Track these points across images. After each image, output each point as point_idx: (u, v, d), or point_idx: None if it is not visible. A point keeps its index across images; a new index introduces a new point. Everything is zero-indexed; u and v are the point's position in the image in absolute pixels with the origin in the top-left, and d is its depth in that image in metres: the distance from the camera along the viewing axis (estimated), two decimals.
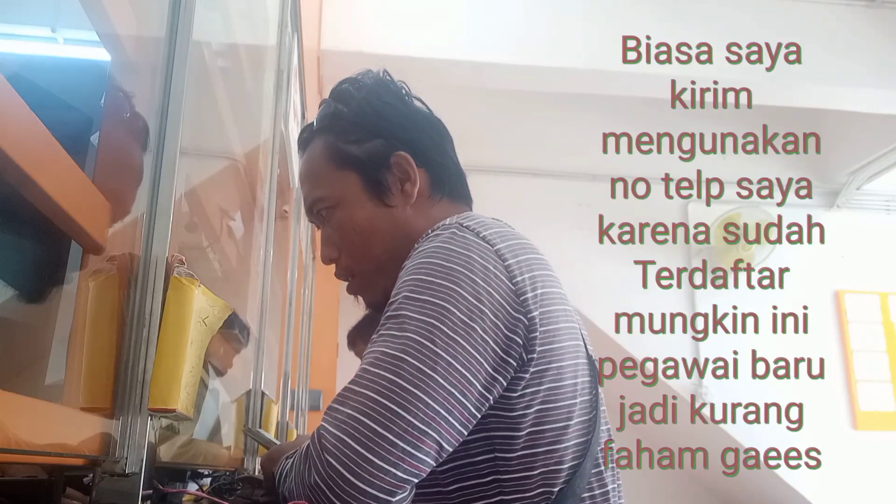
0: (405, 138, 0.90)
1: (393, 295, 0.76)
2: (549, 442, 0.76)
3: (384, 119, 0.90)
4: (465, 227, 0.78)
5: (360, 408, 0.68)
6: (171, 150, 0.76)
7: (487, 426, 0.75)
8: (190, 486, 1.20)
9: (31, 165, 0.55)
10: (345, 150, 0.90)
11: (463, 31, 3.91)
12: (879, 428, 4.94)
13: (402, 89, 0.94)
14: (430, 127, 0.94)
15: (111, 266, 0.69)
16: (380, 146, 0.89)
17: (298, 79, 2.33)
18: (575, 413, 0.78)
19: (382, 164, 0.89)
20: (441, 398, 0.68)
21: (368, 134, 0.90)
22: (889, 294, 5.22)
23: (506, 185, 4.71)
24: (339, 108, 0.92)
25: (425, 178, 0.90)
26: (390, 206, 0.89)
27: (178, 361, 0.69)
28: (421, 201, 0.90)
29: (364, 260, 0.90)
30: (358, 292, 0.94)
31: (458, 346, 0.70)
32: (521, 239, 0.81)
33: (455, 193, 0.94)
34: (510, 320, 0.73)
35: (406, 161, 0.89)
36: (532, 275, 0.76)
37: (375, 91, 0.92)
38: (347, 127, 0.90)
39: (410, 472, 0.67)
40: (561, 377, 0.77)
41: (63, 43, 0.93)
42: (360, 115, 0.90)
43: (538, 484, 0.75)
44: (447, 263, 0.74)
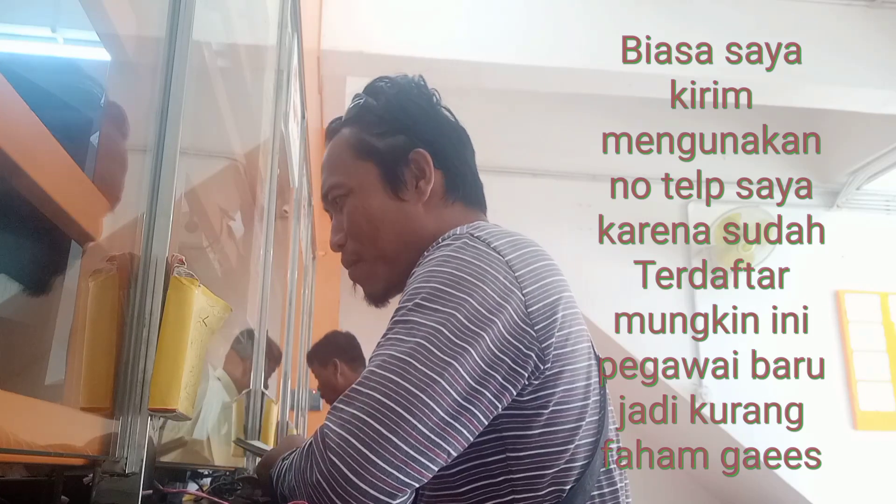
0: (427, 138, 0.92)
1: (401, 301, 0.76)
2: (562, 442, 0.76)
3: (410, 117, 0.92)
4: (476, 237, 0.79)
5: (366, 409, 0.68)
6: (171, 150, 0.76)
7: (499, 426, 0.75)
8: (190, 486, 1.20)
9: (31, 165, 0.55)
10: (367, 141, 0.92)
11: (463, 31, 3.91)
12: (879, 428, 4.94)
13: (434, 95, 0.96)
14: (454, 133, 0.96)
15: (111, 266, 0.69)
16: (401, 141, 0.91)
17: (298, 79, 2.33)
18: (587, 413, 0.79)
19: (401, 158, 0.90)
20: (447, 405, 0.68)
21: (392, 129, 0.92)
22: (889, 294, 5.22)
23: (506, 185, 4.71)
24: (368, 102, 0.94)
25: (441, 180, 0.92)
26: (403, 201, 0.90)
27: (178, 361, 0.69)
28: (434, 201, 0.91)
29: (369, 246, 0.91)
30: (359, 280, 0.94)
31: (466, 354, 0.70)
32: (532, 247, 0.81)
33: (469, 199, 0.95)
34: (519, 330, 0.73)
35: (424, 159, 0.90)
36: (543, 283, 0.77)
37: (406, 90, 0.94)
38: (374, 120, 0.92)
39: (412, 477, 0.67)
40: (574, 380, 0.77)
41: (63, 43, 0.92)
42: (388, 110, 0.93)
43: (549, 483, 0.76)
44: (458, 273, 0.74)
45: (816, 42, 4.01)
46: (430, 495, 0.80)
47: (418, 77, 0.96)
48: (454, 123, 0.96)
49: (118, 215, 0.76)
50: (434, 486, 0.79)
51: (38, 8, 0.91)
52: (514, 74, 4.02)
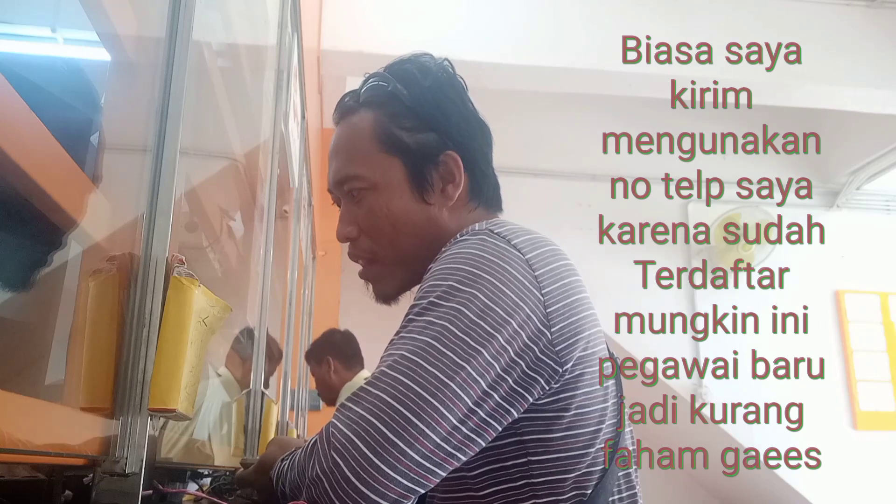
0: (458, 139, 0.86)
1: (417, 297, 0.74)
2: (583, 445, 0.75)
3: (443, 114, 0.86)
4: (495, 233, 0.76)
5: (374, 410, 0.65)
6: (171, 150, 0.75)
7: (520, 430, 0.73)
8: (190, 486, 1.20)
9: (31, 165, 0.55)
10: (395, 135, 0.85)
11: (463, 31, 3.90)
12: (879, 428, 4.94)
13: (463, 84, 0.90)
14: (482, 133, 0.91)
15: (111, 266, 0.69)
16: (432, 140, 0.85)
17: (298, 79, 2.33)
18: (606, 416, 0.77)
19: (431, 159, 0.85)
20: (459, 410, 0.66)
21: (424, 125, 0.86)
22: (889, 294, 5.22)
23: (506, 185, 4.67)
24: (399, 89, 0.86)
25: (466, 184, 0.87)
26: (428, 204, 0.85)
27: (178, 361, 0.69)
28: (458, 206, 0.87)
29: (390, 248, 0.86)
30: (372, 280, 0.90)
31: (479, 356, 0.67)
32: (550, 246, 0.78)
33: (490, 204, 0.91)
34: (537, 332, 0.70)
35: (455, 162, 0.85)
36: (563, 283, 0.74)
37: (441, 82, 0.87)
38: (404, 111, 0.86)
39: (418, 483, 0.65)
40: (594, 382, 0.76)
41: (63, 43, 0.92)
42: (421, 102, 0.86)
43: (572, 487, 0.74)
44: (476, 270, 0.71)
45: (816, 42, 4.01)
46: (448, 497, 0.78)
47: (447, 63, 0.89)
48: (481, 120, 0.91)
49: (118, 215, 0.76)
50: (455, 488, 0.77)
51: (38, 8, 0.91)
52: (514, 74, 4.02)
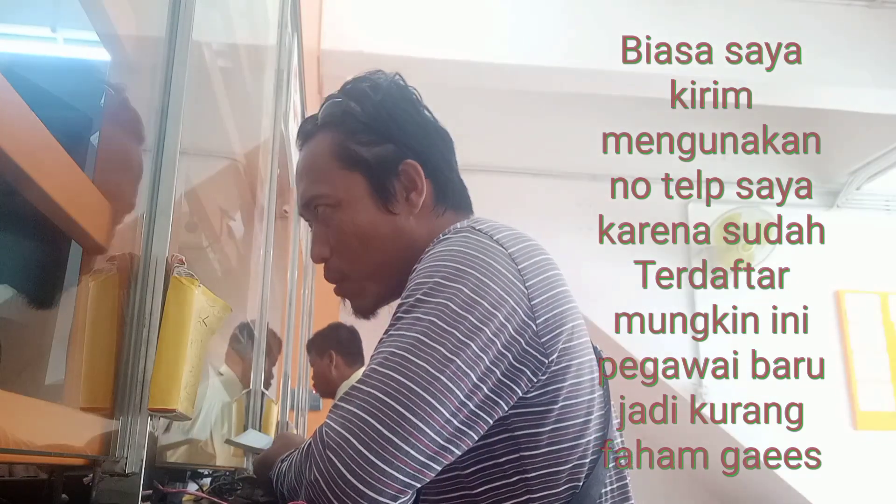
0: (416, 147, 0.88)
1: (404, 296, 0.75)
2: (573, 437, 0.76)
3: (398, 125, 0.88)
4: (477, 230, 0.78)
5: (367, 407, 0.66)
6: (171, 150, 0.76)
7: (510, 426, 0.74)
8: (190, 486, 1.20)
9: (31, 165, 0.55)
10: (353, 151, 0.87)
11: (463, 31, 3.91)
12: (879, 428, 4.94)
13: (416, 96, 0.92)
14: (440, 139, 0.93)
15: (111, 266, 0.69)
16: (390, 151, 0.87)
17: (298, 79, 2.33)
18: (594, 408, 0.79)
19: (391, 170, 0.87)
20: (451, 403, 0.67)
21: (380, 137, 0.87)
22: (889, 294, 5.22)
23: (506, 185, 4.71)
24: (351, 107, 0.89)
25: (430, 190, 0.89)
26: (394, 214, 0.87)
27: (178, 361, 0.69)
28: (425, 212, 0.88)
29: (358, 264, 0.88)
30: (347, 296, 0.92)
31: (468, 349, 0.69)
32: (531, 241, 0.80)
33: (458, 207, 0.93)
34: (523, 325, 0.72)
35: (415, 170, 0.87)
36: (546, 276, 0.76)
37: (392, 95, 0.90)
38: (359, 127, 0.88)
39: (415, 478, 0.66)
40: (581, 373, 0.77)
41: (63, 43, 0.92)
42: (374, 117, 0.88)
43: (566, 480, 0.75)
44: (461, 266, 0.73)
45: (817, 42, 4.01)
46: (442, 498, 0.79)
47: (397, 76, 0.92)
48: (438, 127, 0.93)
49: (118, 215, 0.76)
50: (449, 488, 0.78)
51: (38, 8, 0.91)
52: (513, 74, 4.02)
